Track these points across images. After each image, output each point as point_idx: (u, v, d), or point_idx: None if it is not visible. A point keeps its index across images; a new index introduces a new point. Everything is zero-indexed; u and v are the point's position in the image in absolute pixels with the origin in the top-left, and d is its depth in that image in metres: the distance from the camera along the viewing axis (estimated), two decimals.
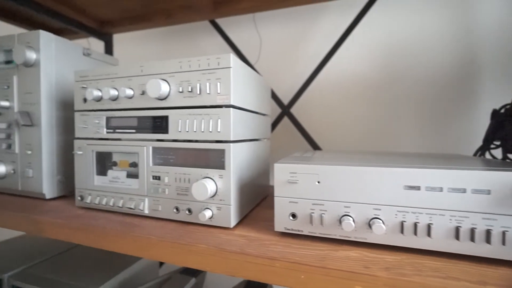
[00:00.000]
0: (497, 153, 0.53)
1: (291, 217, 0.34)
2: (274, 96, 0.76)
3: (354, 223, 0.31)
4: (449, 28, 0.64)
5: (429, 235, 0.29)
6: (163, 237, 0.34)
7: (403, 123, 0.68)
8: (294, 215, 0.34)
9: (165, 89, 0.38)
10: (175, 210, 0.39)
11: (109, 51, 0.92)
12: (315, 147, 0.73)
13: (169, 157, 0.40)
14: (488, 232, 0.27)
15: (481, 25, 0.62)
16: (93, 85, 0.45)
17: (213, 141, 0.38)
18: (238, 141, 0.39)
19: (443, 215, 0.28)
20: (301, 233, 0.34)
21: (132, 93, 0.42)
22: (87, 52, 0.59)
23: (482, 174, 0.27)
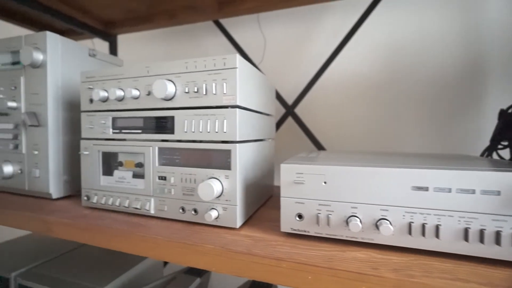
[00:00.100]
0: (505, 153, 0.52)
1: (297, 218, 0.34)
2: (278, 96, 0.76)
3: (361, 223, 0.31)
4: (453, 28, 0.63)
5: (437, 236, 0.28)
6: (169, 237, 0.34)
7: (407, 123, 0.68)
8: (300, 216, 0.34)
9: (171, 89, 0.39)
10: (181, 210, 0.40)
11: (113, 51, 0.92)
12: (319, 147, 0.72)
13: (175, 158, 0.40)
14: (497, 233, 0.27)
15: (485, 24, 0.61)
16: (99, 85, 0.45)
17: (219, 142, 0.38)
18: (243, 142, 0.39)
19: (452, 216, 0.28)
20: (308, 234, 0.33)
21: (138, 93, 0.42)
22: (93, 53, 0.59)
23: (491, 175, 0.27)
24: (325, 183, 0.32)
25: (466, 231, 0.28)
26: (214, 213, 0.37)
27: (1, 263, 0.59)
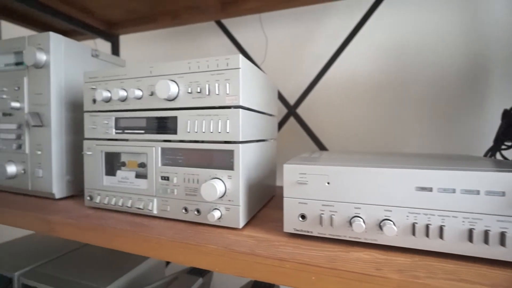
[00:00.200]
0: (509, 154, 0.52)
1: (300, 218, 0.34)
2: (280, 96, 0.76)
3: (364, 224, 0.31)
4: (454, 28, 0.63)
5: (441, 237, 0.28)
6: (172, 238, 0.34)
7: (409, 123, 0.67)
8: (303, 216, 0.34)
9: (174, 90, 0.39)
10: (183, 210, 0.40)
11: (115, 52, 0.92)
12: (321, 147, 0.72)
13: (178, 158, 0.40)
14: (502, 234, 0.27)
15: (490, 24, 0.61)
16: (102, 86, 0.45)
17: (221, 142, 0.38)
18: (246, 142, 0.39)
19: (456, 217, 0.28)
20: (311, 234, 0.33)
21: (141, 94, 0.42)
22: (96, 53, 0.59)
23: (496, 175, 0.27)
24: (328, 183, 0.32)
25: (470, 232, 0.28)
26: (217, 214, 0.37)
27: (4, 262, 0.59)
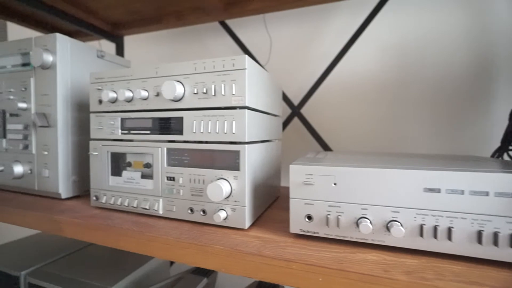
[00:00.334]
0: None
1: (306, 219, 0.34)
2: (284, 96, 0.76)
3: (371, 225, 0.31)
4: (463, 27, 0.63)
5: (449, 238, 0.28)
6: (179, 238, 0.34)
7: (415, 123, 0.67)
8: (310, 217, 0.33)
9: (180, 90, 0.39)
10: (189, 211, 0.40)
11: (120, 52, 0.93)
12: (326, 147, 0.72)
13: (184, 158, 0.40)
14: None
15: (496, 24, 0.60)
16: (108, 86, 0.45)
17: (227, 143, 0.38)
18: (252, 143, 0.39)
19: (465, 219, 0.28)
20: (317, 235, 0.33)
21: (147, 94, 0.42)
22: (101, 54, 0.60)
23: (506, 177, 0.26)
24: (335, 184, 0.32)
25: (479, 233, 0.27)
26: (222, 214, 0.37)
27: (11, 261, 0.60)
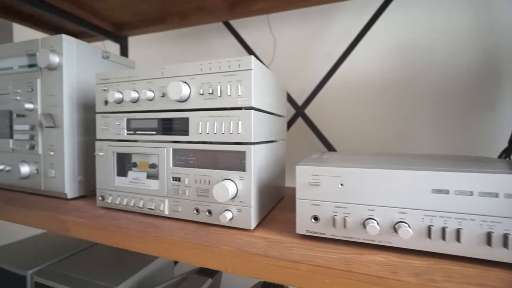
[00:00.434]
0: None
1: (313, 220, 0.33)
2: (288, 97, 0.76)
3: (378, 226, 0.30)
4: (469, 26, 0.62)
5: (458, 240, 0.28)
6: (185, 238, 0.34)
7: (420, 124, 0.66)
8: (316, 218, 0.33)
9: (185, 91, 0.39)
10: (195, 211, 0.40)
11: (124, 53, 0.93)
12: (330, 148, 0.72)
13: (189, 159, 0.41)
14: None
15: (503, 23, 0.60)
16: (114, 87, 0.46)
17: (233, 143, 0.38)
18: (258, 143, 0.39)
19: (474, 220, 0.28)
20: (323, 236, 0.33)
21: (152, 95, 0.42)
22: (106, 55, 0.60)
23: None
24: (341, 185, 0.32)
25: (489, 235, 0.27)
26: (228, 215, 0.37)
27: (18, 261, 0.60)
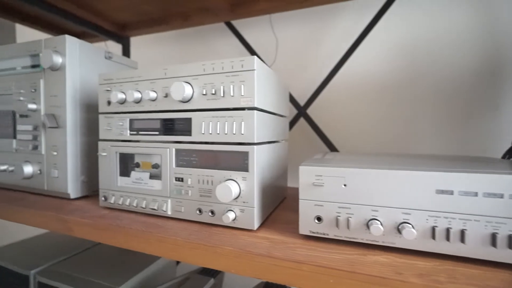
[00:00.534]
0: None
1: (316, 220, 0.33)
2: (290, 97, 0.76)
3: (382, 227, 0.30)
4: (472, 26, 0.62)
5: (463, 241, 0.28)
6: (188, 239, 0.34)
7: (422, 124, 0.66)
8: (319, 218, 0.33)
9: (188, 91, 0.39)
10: (198, 211, 0.40)
11: (126, 53, 0.93)
12: (332, 148, 0.72)
13: (192, 159, 0.41)
14: None
15: (504, 22, 0.59)
16: (117, 87, 0.46)
17: (236, 143, 0.38)
18: (260, 143, 0.39)
19: (478, 221, 0.27)
20: (327, 237, 0.33)
21: (155, 95, 0.42)
22: (109, 55, 0.60)
23: None
24: (345, 185, 0.32)
25: (493, 236, 0.27)
26: (231, 215, 0.37)
27: (21, 260, 0.60)
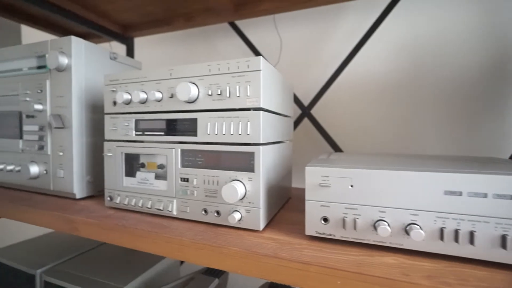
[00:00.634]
0: None
1: (322, 221, 0.33)
2: (294, 97, 0.76)
3: (389, 228, 0.30)
4: (477, 25, 0.61)
5: (472, 243, 0.28)
6: (194, 239, 0.34)
7: (427, 124, 0.66)
8: (326, 219, 0.33)
9: (194, 92, 0.39)
10: (203, 212, 0.40)
11: (130, 54, 0.94)
12: (336, 148, 0.72)
13: (198, 160, 0.41)
14: None
15: (509, 22, 0.59)
16: (122, 88, 0.46)
17: (242, 144, 0.38)
18: (266, 144, 0.39)
19: (488, 223, 0.27)
20: (333, 238, 0.33)
21: (161, 96, 0.42)
22: (114, 56, 0.60)
23: None
24: (351, 186, 0.32)
25: (503, 238, 0.27)
26: (237, 215, 0.37)
27: (27, 260, 0.61)
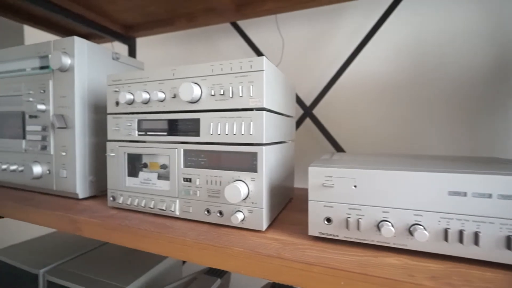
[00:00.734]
0: None
1: (326, 222, 0.33)
2: (296, 97, 0.75)
3: (393, 228, 0.30)
4: (480, 25, 0.61)
5: (476, 243, 0.27)
6: (197, 239, 0.34)
7: (430, 124, 0.66)
8: (329, 220, 0.33)
9: (197, 92, 0.39)
10: (206, 212, 0.40)
11: (132, 54, 0.94)
12: (338, 148, 0.71)
13: (200, 160, 0.41)
14: None
15: (509, 21, 0.59)
16: (125, 88, 0.46)
17: (245, 144, 0.38)
18: (269, 144, 0.39)
19: (493, 223, 0.27)
20: (336, 238, 0.33)
21: (163, 96, 0.43)
22: (116, 56, 0.60)
23: None
24: (355, 186, 0.32)
25: (508, 239, 0.26)
26: (240, 216, 0.37)
27: (30, 259, 0.61)
